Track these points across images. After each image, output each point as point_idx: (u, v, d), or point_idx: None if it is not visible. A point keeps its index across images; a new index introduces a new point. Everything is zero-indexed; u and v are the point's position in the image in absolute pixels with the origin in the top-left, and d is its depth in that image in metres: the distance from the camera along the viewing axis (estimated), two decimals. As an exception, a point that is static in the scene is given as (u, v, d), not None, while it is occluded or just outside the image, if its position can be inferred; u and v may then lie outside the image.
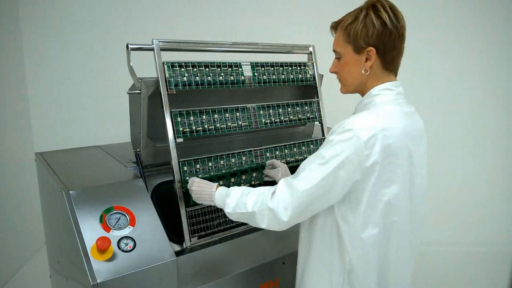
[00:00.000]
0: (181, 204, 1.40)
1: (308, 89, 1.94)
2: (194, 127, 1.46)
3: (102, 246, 1.15)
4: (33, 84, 2.84)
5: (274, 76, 1.71)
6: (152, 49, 1.40)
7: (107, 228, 1.23)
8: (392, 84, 1.10)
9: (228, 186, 1.27)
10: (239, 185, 1.53)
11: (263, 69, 1.68)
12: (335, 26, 1.15)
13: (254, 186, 1.11)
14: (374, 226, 1.04)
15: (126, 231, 1.25)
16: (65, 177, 1.43)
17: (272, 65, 1.71)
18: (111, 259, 1.16)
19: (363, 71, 1.09)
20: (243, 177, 1.55)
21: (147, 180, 1.51)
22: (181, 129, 1.43)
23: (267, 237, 1.59)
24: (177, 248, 1.43)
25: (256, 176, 1.59)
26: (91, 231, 1.20)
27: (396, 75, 1.13)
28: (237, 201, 1.15)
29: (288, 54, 1.84)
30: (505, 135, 3.17)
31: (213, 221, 1.49)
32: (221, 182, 1.50)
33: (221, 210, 1.34)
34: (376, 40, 1.05)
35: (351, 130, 0.98)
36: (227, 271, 1.44)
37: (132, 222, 1.28)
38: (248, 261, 1.49)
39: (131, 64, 1.35)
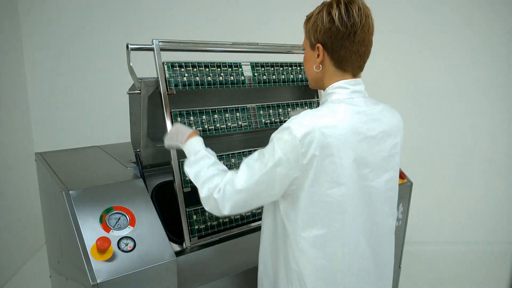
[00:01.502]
0: (181, 204, 1.40)
1: (308, 89, 1.94)
2: (194, 127, 1.47)
3: (102, 246, 1.15)
4: (33, 84, 2.84)
5: (274, 76, 1.71)
6: (152, 49, 1.40)
7: (107, 228, 1.23)
8: (347, 82, 1.05)
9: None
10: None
11: (263, 69, 1.68)
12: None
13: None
14: (321, 227, 1.02)
15: (126, 231, 1.25)
16: (65, 177, 1.43)
17: (272, 65, 1.71)
18: (111, 259, 1.16)
19: (314, 67, 1.08)
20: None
21: (147, 180, 1.51)
22: None
23: (267, 237, 1.59)
24: (177, 248, 1.43)
25: None
26: (91, 231, 1.20)
27: (354, 75, 1.07)
28: (198, 171, 1.14)
29: (288, 54, 1.84)
30: (505, 135, 3.18)
31: (213, 221, 1.50)
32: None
33: None
34: (323, 37, 1.02)
35: (288, 128, 0.97)
36: (227, 271, 1.44)
37: (132, 222, 1.28)
38: (248, 261, 1.49)
39: (131, 64, 1.35)
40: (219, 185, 1.07)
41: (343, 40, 1.00)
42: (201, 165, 1.14)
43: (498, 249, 3.17)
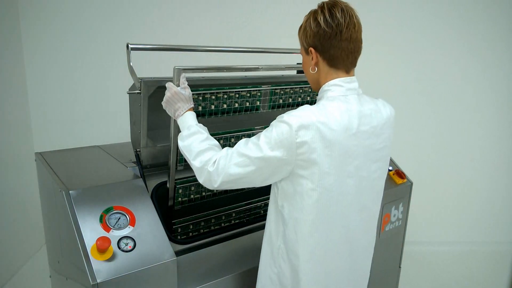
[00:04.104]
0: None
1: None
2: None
3: (102, 246, 1.15)
4: (33, 84, 2.84)
5: (290, 99, 1.70)
6: (152, 49, 1.40)
7: (107, 228, 1.23)
8: (342, 80, 1.14)
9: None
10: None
11: (282, 92, 1.67)
12: None
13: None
14: (309, 213, 1.11)
15: (126, 231, 1.25)
16: (65, 177, 1.43)
17: (292, 89, 1.69)
18: (111, 259, 1.16)
19: (310, 70, 1.18)
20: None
21: (147, 180, 1.51)
22: None
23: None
24: (177, 248, 1.43)
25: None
26: (91, 231, 1.21)
27: (347, 71, 1.16)
28: (190, 144, 1.20)
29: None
30: (506, 135, 3.17)
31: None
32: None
33: None
34: (314, 40, 1.12)
35: (287, 119, 1.05)
36: (227, 271, 1.44)
37: (132, 222, 1.28)
38: (249, 261, 1.49)
39: (131, 64, 1.35)
40: (213, 159, 1.15)
41: (331, 40, 1.10)
42: (193, 139, 1.20)
43: (498, 249, 3.17)
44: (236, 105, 1.57)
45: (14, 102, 2.71)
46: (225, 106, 1.53)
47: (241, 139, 1.53)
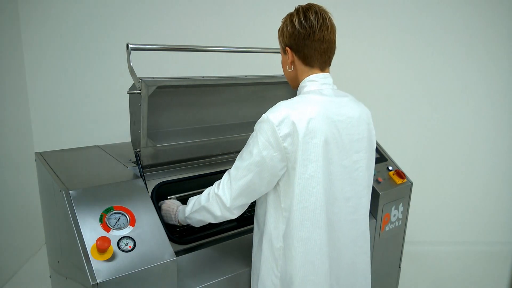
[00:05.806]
0: None
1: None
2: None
3: (102, 246, 1.14)
4: (33, 84, 2.84)
5: None
6: (152, 49, 1.40)
7: (107, 228, 1.23)
8: (316, 76, 1.22)
9: None
10: None
11: None
12: None
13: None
14: (298, 201, 1.15)
15: (126, 231, 1.25)
16: (65, 177, 1.43)
17: None
18: (111, 259, 1.16)
19: (288, 68, 1.26)
20: None
21: (147, 180, 1.51)
22: None
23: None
24: (177, 248, 1.43)
25: None
26: (91, 231, 1.20)
27: (322, 69, 1.23)
28: (192, 203, 1.33)
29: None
30: (505, 135, 3.18)
31: None
32: None
33: None
34: (289, 40, 1.21)
35: (266, 117, 1.13)
36: (227, 270, 1.44)
37: (132, 222, 1.28)
38: (249, 261, 1.49)
39: (131, 64, 1.35)
40: (214, 185, 1.24)
41: (304, 40, 1.18)
42: (192, 201, 1.34)
43: (498, 249, 3.17)
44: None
45: (14, 102, 2.71)
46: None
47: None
